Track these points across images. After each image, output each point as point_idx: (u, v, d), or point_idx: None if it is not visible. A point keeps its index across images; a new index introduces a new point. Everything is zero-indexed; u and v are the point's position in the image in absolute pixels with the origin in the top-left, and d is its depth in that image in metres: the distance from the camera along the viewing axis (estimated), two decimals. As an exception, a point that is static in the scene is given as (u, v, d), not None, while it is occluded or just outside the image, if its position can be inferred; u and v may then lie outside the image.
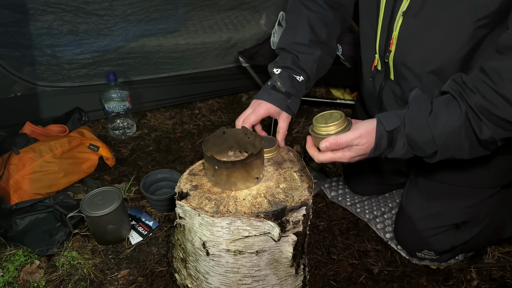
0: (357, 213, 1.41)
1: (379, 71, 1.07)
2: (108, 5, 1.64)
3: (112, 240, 1.27)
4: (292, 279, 0.98)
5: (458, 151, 0.84)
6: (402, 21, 0.93)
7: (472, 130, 0.79)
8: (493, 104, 0.74)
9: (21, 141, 1.47)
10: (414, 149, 0.85)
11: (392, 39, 0.97)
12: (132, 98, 1.82)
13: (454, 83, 0.82)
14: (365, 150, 0.86)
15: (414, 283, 1.17)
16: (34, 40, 1.61)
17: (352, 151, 0.86)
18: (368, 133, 0.85)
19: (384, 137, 0.85)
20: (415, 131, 0.83)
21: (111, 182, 1.56)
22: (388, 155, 0.89)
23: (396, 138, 0.85)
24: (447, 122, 0.80)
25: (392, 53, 0.99)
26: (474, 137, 0.80)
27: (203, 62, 2.00)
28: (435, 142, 0.82)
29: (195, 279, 1.00)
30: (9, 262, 1.20)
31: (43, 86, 1.73)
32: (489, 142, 0.80)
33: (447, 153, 0.85)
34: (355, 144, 0.85)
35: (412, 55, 0.96)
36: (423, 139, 0.83)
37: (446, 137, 0.81)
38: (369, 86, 1.15)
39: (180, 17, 1.85)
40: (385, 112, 0.88)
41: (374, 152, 0.87)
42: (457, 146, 0.83)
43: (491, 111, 0.75)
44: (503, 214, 1.20)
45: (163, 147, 1.78)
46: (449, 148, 0.83)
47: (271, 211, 0.81)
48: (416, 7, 0.88)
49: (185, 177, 0.94)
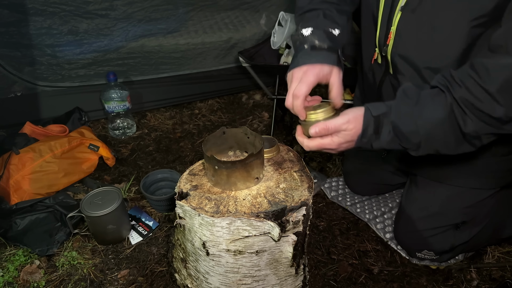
0: (357, 213, 1.41)
1: (379, 64, 1.07)
2: (108, 5, 1.64)
3: (112, 240, 1.27)
4: (292, 279, 0.98)
5: (443, 144, 0.84)
6: (400, 16, 0.93)
7: (456, 122, 0.79)
8: (477, 99, 0.74)
9: (21, 141, 1.47)
10: (399, 137, 0.85)
11: (390, 33, 0.97)
12: (132, 98, 1.82)
13: (442, 78, 0.82)
14: (352, 136, 0.86)
15: (414, 283, 1.17)
16: (34, 40, 1.61)
17: (340, 137, 0.86)
18: (356, 118, 0.85)
19: (371, 123, 0.85)
20: (400, 120, 0.83)
21: (111, 182, 1.56)
22: (374, 144, 0.87)
23: (382, 124, 0.85)
24: (432, 114, 0.80)
25: (389, 47, 0.99)
26: (458, 131, 0.80)
27: (203, 62, 2.00)
28: (419, 132, 0.82)
29: (195, 279, 1.00)
30: (9, 262, 1.20)
31: (43, 86, 1.73)
32: (473, 136, 0.80)
33: (431, 146, 0.84)
34: (343, 129, 0.85)
35: (408, 50, 0.96)
36: (408, 128, 0.82)
37: (430, 128, 0.81)
38: (369, 79, 1.15)
39: (180, 17, 1.85)
40: (374, 102, 0.88)
41: (361, 140, 0.86)
42: (441, 139, 0.82)
43: (475, 105, 0.75)
44: (502, 214, 1.20)
45: (163, 147, 1.78)
46: (433, 140, 0.83)
47: (271, 211, 0.81)
48: (415, 2, 0.89)
49: (185, 177, 0.94)
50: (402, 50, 0.97)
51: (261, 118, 2.02)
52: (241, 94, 2.21)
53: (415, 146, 0.85)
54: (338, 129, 0.85)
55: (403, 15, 0.92)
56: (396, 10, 0.93)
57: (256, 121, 2.00)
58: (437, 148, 0.85)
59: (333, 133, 0.86)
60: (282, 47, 2.00)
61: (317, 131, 0.85)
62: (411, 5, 0.90)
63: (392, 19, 0.95)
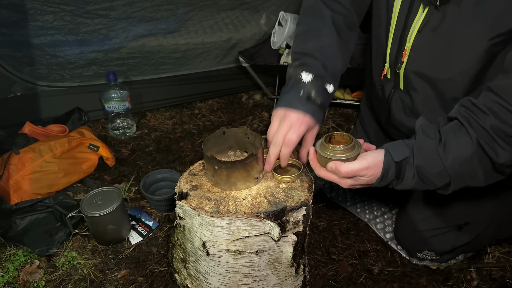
0: (357, 213, 1.41)
1: (389, 79, 1.07)
2: (109, 5, 1.64)
3: (112, 240, 1.27)
4: (292, 279, 0.98)
5: (473, 180, 0.82)
6: (417, 34, 0.92)
7: (486, 156, 0.77)
8: (508, 124, 0.72)
9: (21, 141, 1.47)
10: (424, 181, 0.83)
11: (405, 50, 0.96)
12: (132, 98, 1.82)
13: (463, 108, 0.79)
14: (369, 181, 0.84)
15: (414, 283, 1.17)
16: (34, 40, 1.61)
17: (355, 180, 0.84)
18: (375, 165, 0.82)
19: (392, 168, 0.83)
20: (425, 162, 0.81)
21: (111, 182, 1.56)
22: (397, 187, 0.86)
23: (405, 169, 0.83)
24: (459, 151, 0.78)
25: (404, 64, 0.98)
26: (489, 163, 0.78)
27: (203, 62, 1.99)
28: (448, 173, 0.80)
29: (195, 279, 1.00)
30: (9, 262, 1.20)
31: (43, 86, 1.73)
32: (506, 166, 0.78)
33: (461, 183, 0.83)
34: (361, 175, 0.83)
35: (424, 68, 0.95)
36: (434, 170, 0.80)
37: (458, 167, 0.79)
38: (378, 93, 1.15)
39: (180, 17, 1.85)
40: (393, 142, 0.86)
41: (380, 183, 0.84)
42: (471, 175, 0.80)
43: (505, 132, 0.73)
44: (504, 215, 1.20)
45: (163, 147, 1.78)
46: (462, 178, 0.81)
47: (271, 211, 0.81)
48: (435, 21, 0.87)
49: (185, 177, 0.94)
50: (417, 68, 0.96)
51: (261, 118, 2.02)
52: (241, 94, 2.20)
53: (444, 186, 0.84)
54: (355, 174, 0.82)
55: (421, 34, 0.91)
56: (412, 28, 0.92)
57: (256, 121, 2.00)
58: (467, 184, 0.83)
59: (350, 177, 0.83)
60: (282, 47, 2.00)
61: (334, 168, 0.83)
62: (432, 24, 0.88)
63: (405, 37, 0.95)
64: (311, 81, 0.92)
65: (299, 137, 0.88)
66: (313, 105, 0.90)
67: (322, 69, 0.93)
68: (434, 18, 0.88)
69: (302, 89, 0.91)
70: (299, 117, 0.88)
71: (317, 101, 0.90)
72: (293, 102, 0.90)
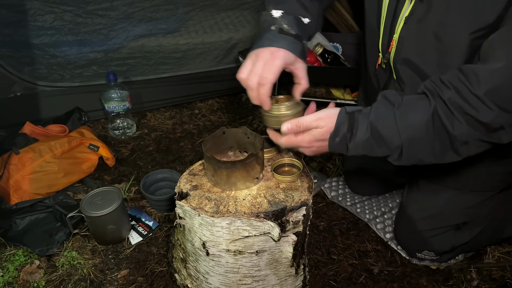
0: (357, 213, 1.41)
1: (383, 69, 1.07)
2: (109, 5, 1.64)
3: (112, 240, 1.27)
4: (292, 279, 0.98)
5: (427, 151, 0.80)
6: (403, 24, 0.93)
7: (442, 125, 0.76)
8: (467, 102, 0.73)
9: (21, 141, 1.47)
10: (376, 139, 0.80)
11: (393, 41, 0.97)
12: (132, 98, 1.82)
13: (430, 82, 0.80)
14: (323, 134, 0.82)
15: (414, 283, 1.17)
16: (34, 40, 1.61)
17: (311, 134, 0.83)
18: (328, 116, 0.82)
19: (345, 121, 0.81)
20: (379, 121, 0.80)
21: (111, 182, 1.56)
22: (349, 145, 0.83)
23: (358, 122, 0.81)
24: (415, 116, 0.78)
25: (391, 55, 0.99)
26: (445, 133, 0.77)
27: (203, 62, 2.00)
28: (400, 136, 0.79)
29: (195, 279, 1.00)
30: (9, 262, 1.20)
31: (43, 86, 1.73)
32: (461, 142, 0.77)
33: (414, 152, 0.81)
34: (314, 127, 0.82)
35: (410, 59, 0.96)
36: (387, 129, 0.79)
37: (412, 131, 0.78)
38: (373, 83, 1.15)
39: (180, 17, 1.85)
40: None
41: (334, 139, 0.82)
42: (425, 144, 0.79)
43: (463, 108, 0.74)
44: (503, 214, 1.20)
45: (163, 147, 1.78)
46: (416, 145, 0.80)
47: (271, 211, 0.81)
48: (420, 13, 0.88)
49: (185, 177, 0.94)
50: (404, 58, 0.97)
51: (261, 118, 2.02)
52: (241, 94, 2.20)
53: (396, 151, 0.82)
54: (308, 126, 0.82)
55: (407, 25, 0.92)
56: (399, 19, 0.93)
57: (256, 121, 2.00)
58: (421, 156, 0.82)
59: (305, 130, 0.83)
60: (282, 47, 1.99)
61: (289, 127, 0.83)
62: (417, 15, 0.89)
63: (394, 27, 0.95)
64: (282, 14, 0.88)
65: (275, 73, 0.83)
66: (287, 37, 0.85)
67: (294, 2, 0.91)
68: (419, 10, 0.88)
69: (274, 24, 0.87)
70: (272, 52, 0.83)
71: (291, 32, 0.86)
72: (264, 41, 0.86)
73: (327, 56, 1.94)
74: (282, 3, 0.91)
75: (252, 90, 0.85)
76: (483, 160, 1.03)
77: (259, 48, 0.85)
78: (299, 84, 0.90)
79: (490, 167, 1.05)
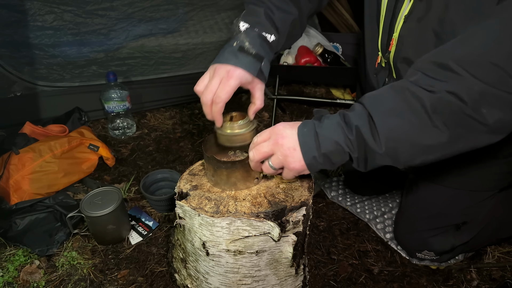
0: (357, 213, 1.41)
1: (383, 68, 1.07)
2: (109, 5, 1.64)
3: (112, 240, 1.27)
4: (292, 279, 0.98)
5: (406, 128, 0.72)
6: (403, 23, 0.93)
7: (417, 100, 0.70)
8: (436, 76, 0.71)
9: (21, 141, 1.47)
10: (346, 122, 0.75)
11: (392, 39, 0.97)
12: (132, 98, 1.82)
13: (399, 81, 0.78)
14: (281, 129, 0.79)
15: (414, 283, 1.17)
16: (34, 40, 1.61)
17: (273, 132, 0.80)
18: (274, 131, 0.80)
19: (310, 119, 0.79)
20: (352, 112, 0.76)
21: (111, 182, 1.56)
22: (318, 129, 0.76)
23: (327, 115, 0.79)
24: (386, 101, 0.74)
25: (391, 54, 0.99)
26: (419, 106, 0.70)
27: (203, 62, 2.00)
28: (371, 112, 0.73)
29: (195, 279, 1.00)
30: (9, 262, 1.20)
31: (43, 86, 1.73)
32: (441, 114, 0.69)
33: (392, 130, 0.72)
34: (272, 131, 0.80)
35: (410, 57, 0.96)
36: (357, 106, 0.76)
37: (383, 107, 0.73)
38: (372, 82, 1.15)
39: (180, 17, 1.86)
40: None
41: (303, 130, 0.77)
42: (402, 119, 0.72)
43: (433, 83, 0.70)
44: (502, 214, 1.20)
45: (163, 147, 1.78)
46: (392, 119, 0.72)
47: (271, 211, 0.81)
48: (420, 11, 0.88)
49: (185, 177, 0.94)
50: (404, 56, 0.97)
51: (261, 118, 2.02)
52: (241, 94, 2.20)
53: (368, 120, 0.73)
54: (255, 144, 0.81)
55: (407, 23, 0.92)
56: (399, 17, 0.93)
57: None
58: (399, 136, 0.72)
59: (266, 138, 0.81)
60: (282, 47, 1.99)
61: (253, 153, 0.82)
62: (416, 14, 0.89)
63: (394, 26, 0.95)
64: (246, 30, 0.86)
65: (228, 93, 0.83)
66: (246, 56, 0.84)
67: (264, 16, 0.87)
68: (419, 8, 0.88)
69: (236, 40, 0.86)
70: (228, 70, 0.83)
71: (250, 51, 0.84)
72: (224, 56, 0.85)
73: (327, 56, 1.94)
74: (252, 15, 0.89)
75: (205, 106, 0.86)
76: (482, 160, 1.03)
77: (217, 64, 0.85)
78: (253, 104, 0.90)
79: (490, 167, 1.05)
